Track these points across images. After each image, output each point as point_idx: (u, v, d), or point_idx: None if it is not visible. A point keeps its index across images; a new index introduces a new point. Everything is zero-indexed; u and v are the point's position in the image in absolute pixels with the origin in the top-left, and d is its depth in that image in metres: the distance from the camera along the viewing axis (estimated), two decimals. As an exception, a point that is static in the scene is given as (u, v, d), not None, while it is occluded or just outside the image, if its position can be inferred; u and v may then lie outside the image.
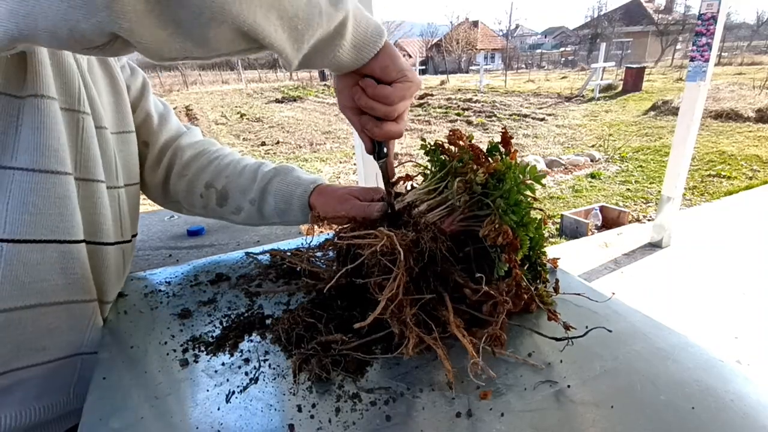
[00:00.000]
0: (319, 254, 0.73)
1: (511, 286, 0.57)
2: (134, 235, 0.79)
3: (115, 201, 0.70)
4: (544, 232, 0.69)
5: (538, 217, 0.65)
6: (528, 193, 0.62)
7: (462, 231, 0.61)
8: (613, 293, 0.63)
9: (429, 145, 0.69)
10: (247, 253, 0.87)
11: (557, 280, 0.68)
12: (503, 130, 0.68)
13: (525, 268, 0.64)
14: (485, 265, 0.60)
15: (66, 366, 0.64)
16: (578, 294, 0.65)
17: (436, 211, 0.63)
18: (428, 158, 0.69)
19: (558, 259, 0.75)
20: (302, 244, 0.86)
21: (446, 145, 0.67)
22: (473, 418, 0.47)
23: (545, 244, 0.71)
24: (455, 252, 0.61)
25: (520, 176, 0.60)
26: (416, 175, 0.73)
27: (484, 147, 0.68)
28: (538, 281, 0.67)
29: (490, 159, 0.65)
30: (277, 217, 0.78)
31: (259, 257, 0.87)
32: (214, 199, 0.80)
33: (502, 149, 0.66)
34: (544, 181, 0.82)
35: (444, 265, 0.59)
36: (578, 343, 0.58)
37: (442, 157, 0.67)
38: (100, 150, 0.65)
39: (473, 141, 0.67)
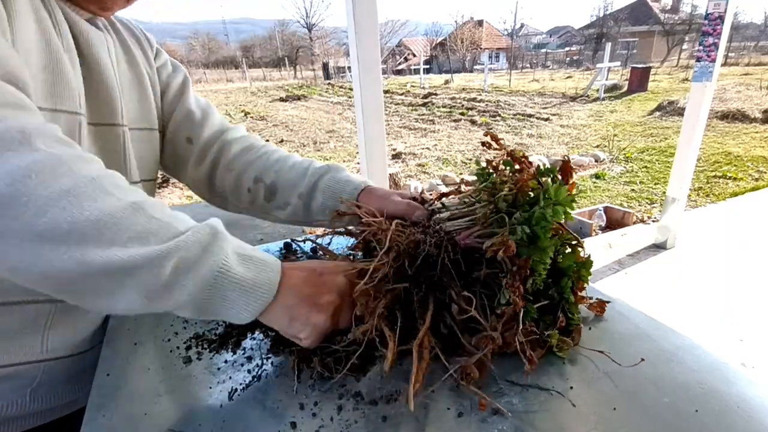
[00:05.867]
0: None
1: (504, 318, 0.51)
2: None
3: None
4: (589, 275, 0.60)
5: (572, 250, 0.59)
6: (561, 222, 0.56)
7: (479, 248, 0.55)
8: (643, 359, 0.53)
9: (483, 169, 0.63)
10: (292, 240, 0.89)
11: (579, 328, 0.58)
12: (565, 159, 0.60)
13: (536, 306, 0.55)
14: (495, 292, 0.54)
15: (21, 373, 0.60)
16: (600, 351, 0.55)
17: (457, 221, 0.60)
18: (477, 177, 0.64)
19: (607, 303, 0.64)
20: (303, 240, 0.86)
21: (495, 160, 0.63)
22: (476, 418, 0.47)
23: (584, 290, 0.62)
24: (462, 267, 0.57)
25: (551, 200, 0.53)
26: (457, 185, 0.70)
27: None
28: (552, 328, 0.56)
29: (530, 176, 0.58)
30: (322, 214, 0.78)
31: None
32: (262, 194, 0.81)
33: (559, 177, 0.59)
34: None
35: (444, 276, 0.56)
36: (581, 344, 0.57)
37: (493, 175, 0.62)
38: (102, 145, 0.66)
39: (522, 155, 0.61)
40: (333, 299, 0.53)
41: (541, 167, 0.59)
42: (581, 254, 0.61)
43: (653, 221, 4.07)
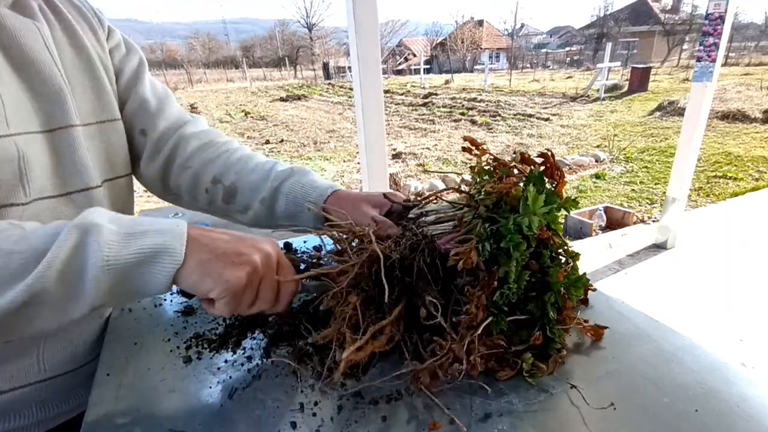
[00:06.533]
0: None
1: (460, 326, 0.49)
2: None
3: (93, 202, 0.63)
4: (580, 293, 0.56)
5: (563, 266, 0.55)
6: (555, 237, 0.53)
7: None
8: (613, 403, 0.47)
9: (479, 165, 0.59)
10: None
11: (560, 356, 0.53)
12: (547, 153, 0.55)
13: (513, 320, 0.52)
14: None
15: (24, 394, 0.60)
16: (573, 385, 0.49)
17: (440, 225, 0.57)
18: (474, 176, 0.60)
19: (605, 329, 0.58)
20: (304, 242, 0.86)
21: (479, 161, 0.59)
22: (475, 418, 0.47)
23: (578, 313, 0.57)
24: (440, 272, 0.55)
25: (533, 208, 0.50)
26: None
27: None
28: (525, 345, 0.52)
29: (512, 182, 0.55)
30: (287, 219, 0.74)
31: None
32: (220, 196, 0.75)
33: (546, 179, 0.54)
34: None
35: (420, 281, 0.54)
36: (582, 344, 0.57)
37: (485, 177, 0.58)
38: (59, 153, 0.59)
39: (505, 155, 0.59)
40: (254, 259, 0.49)
41: (534, 172, 0.56)
42: (574, 269, 0.57)
43: (653, 221, 4.07)
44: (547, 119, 10.02)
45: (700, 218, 4.22)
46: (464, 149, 0.60)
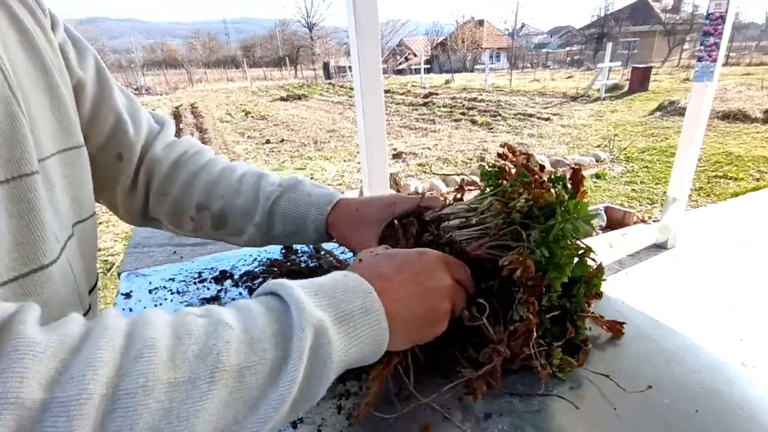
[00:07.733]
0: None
1: (517, 334, 0.50)
2: (94, 286, 0.55)
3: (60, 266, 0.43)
4: (599, 290, 0.59)
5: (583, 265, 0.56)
6: (580, 240, 0.54)
7: (490, 259, 0.53)
8: (651, 386, 0.51)
9: (488, 170, 0.61)
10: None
11: (586, 350, 0.55)
12: (576, 167, 0.58)
13: (548, 319, 0.54)
14: (505, 304, 0.52)
15: None
16: (606, 375, 0.51)
17: (466, 231, 0.56)
18: (484, 181, 0.61)
19: (623, 324, 0.59)
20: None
21: (507, 168, 0.59)
22: (475, 418, 0.47)
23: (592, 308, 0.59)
24: (474, 280, 0.55)
25: (570, 214, 0.51)
26: (467, 185, 0.66)
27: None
28: (560, 340, 0.54)
29: (547, 187, 0.55)
30: (286, 238, 0.68)
31: (261, 255, 0.87)
32: (209, 222, 0.67)
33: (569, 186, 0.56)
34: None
35: None
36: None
37: (499, 181, 0.60)
38: (18, 208, 0.38)
39: (531, 161, 0.58)
40: (447, 309, 0.47)
41: (551, 175, 0.57)
42: (591, 263, 0.59)
43: (654, 221, 4.06)
44: (547, 119, 10.02)
45: (701, 218, 4.22)
46: (500, 155, 0.60)
